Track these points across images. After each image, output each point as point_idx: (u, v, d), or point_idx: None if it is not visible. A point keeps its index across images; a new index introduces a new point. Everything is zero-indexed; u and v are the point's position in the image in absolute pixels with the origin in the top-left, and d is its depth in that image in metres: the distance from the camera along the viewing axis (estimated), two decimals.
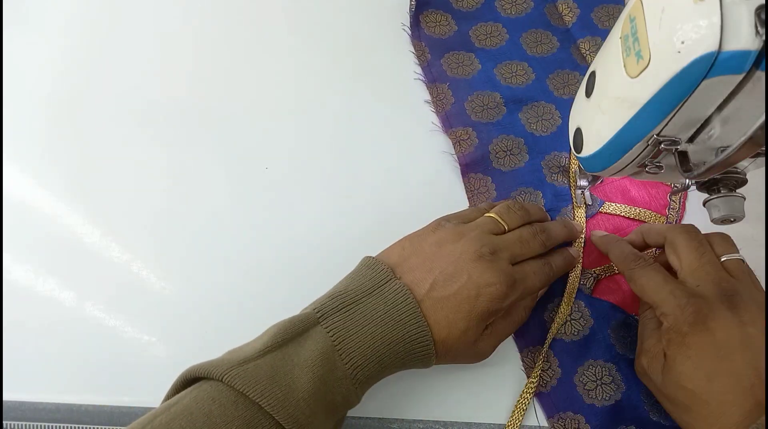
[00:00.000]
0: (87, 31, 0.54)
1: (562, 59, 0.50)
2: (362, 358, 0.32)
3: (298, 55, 0.52)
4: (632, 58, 0.28)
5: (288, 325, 0.32)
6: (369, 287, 0.34)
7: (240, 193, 0.47)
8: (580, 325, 0.40)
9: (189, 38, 0.53)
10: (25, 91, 0.51)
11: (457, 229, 0.36)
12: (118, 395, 0.41)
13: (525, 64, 0.50)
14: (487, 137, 0.47)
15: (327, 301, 0.33)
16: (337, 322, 0.32)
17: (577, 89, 0.48)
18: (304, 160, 0.48)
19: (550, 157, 0.46)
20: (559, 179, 0.45)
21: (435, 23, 0.52)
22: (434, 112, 0.49)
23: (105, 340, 0.42)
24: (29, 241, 0.46)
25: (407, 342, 0.33)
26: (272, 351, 0.31)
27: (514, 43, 0.51)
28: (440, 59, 0.51)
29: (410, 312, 0.33)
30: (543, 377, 0.39)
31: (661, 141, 0.29)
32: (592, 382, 0.39)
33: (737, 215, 0.31)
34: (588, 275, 0.42)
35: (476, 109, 0.48)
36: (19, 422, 0.40)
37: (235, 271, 0.44)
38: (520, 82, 0.49)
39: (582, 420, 0.38)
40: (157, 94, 0.51)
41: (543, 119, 0.48)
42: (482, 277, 0.34)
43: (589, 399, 0.38)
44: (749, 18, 0.24)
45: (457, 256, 0.34)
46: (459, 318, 0.33)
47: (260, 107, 0.50)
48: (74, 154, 0.49)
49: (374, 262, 0.35)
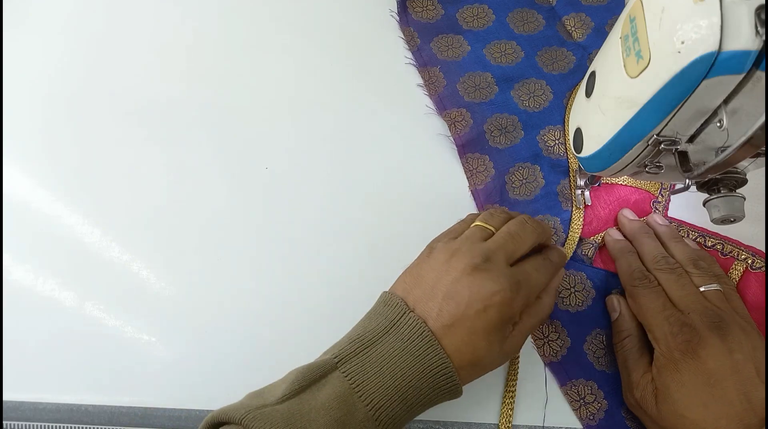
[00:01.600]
0: (87, 32, 0.54)
1: (548, 36, 0.52)
2: (383, 398, 0.31)
3: (291, 49, 0.52)
4: (632, 58, 0.28)
5: (306, 371, 0.31)
6: (385, 326, 0.33)
7: (240, 192, 0.47)
8: (583, 295, 0.41)
9: (188, 38, 0.53)
10: (25, 91, 0.51)
11: (447, 248, 0.35)
12: (118, 395, 0.41)
13: (513, 42, 0.51)
14: (481, 117, 0.47)
15: (346, 345, 0.32)
16: (355, 366, 0.31)
17: (565, 65, 0.50)
18: (303, 153, 0.48)
19: (544, 132, 0.47)
20: (556, 152, 0.46)
21: (422, 8, 0.53)
22: (428, 95, 0.50)
23: (105, 340, 0.42)
24: (29, 241, 0.46)
25: (429, 376, 0.31)
26: (290, 398, 0.30)
27: (501, 22, 0.52)
28: (429, 43, 0.52)
29: (427, 345, 0.32)
30: (553, 347, 0.40)
31: (661, 141, 0.29)
32: (600, 349, 0.40)
33: (737, 215, 0.31)
34: (589, 245, 0.43)
35: (468, 89, 0.49)
36: (19, 422, 0.40)
37: (236, 271, 0.44)
38: (510, 60, 0.50)
39: (594, 386, 0.39)
40: (157, 94, 0.51)
41: (535, 95, 0.48)
42: (483, 288, 0.32)
43: (599, 366, 0.39)
44: (749, 18, 0.24)
45: (453, 275, 0.33)
46: (476, 338, 0.32)
47: (258, 105, 0.50)
48: (74, 154, 0.49)
49: (389, 297, 0.34)
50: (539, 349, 0.40)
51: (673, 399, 0.33)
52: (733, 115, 0.27)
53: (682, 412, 0.33)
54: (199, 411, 0.40)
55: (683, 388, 0.33)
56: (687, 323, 0.34)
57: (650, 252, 0.40)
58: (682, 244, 0.41)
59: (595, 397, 0.39)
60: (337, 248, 0.45)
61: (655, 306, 0.36)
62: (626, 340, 0.38)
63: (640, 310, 0.37)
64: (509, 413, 0.38)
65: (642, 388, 0.35)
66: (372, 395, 0.31)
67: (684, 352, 0.34)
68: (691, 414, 0.33)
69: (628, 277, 0.39)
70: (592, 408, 0.38)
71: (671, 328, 0.35)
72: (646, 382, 0.35)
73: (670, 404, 0.34)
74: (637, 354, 0.37)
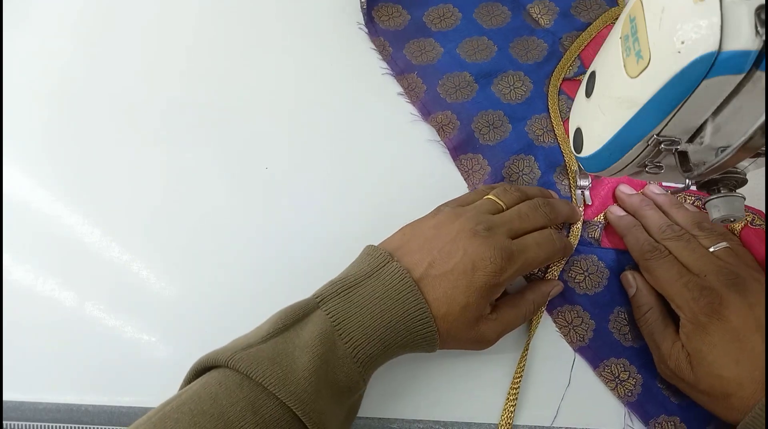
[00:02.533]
0: (86, 32, 0.54)
1: (517, 27, 0.52)
2: (362, 337, 0.32)
3: (292, 50, 0.52)
4: (632, 58, 0.28)
5: (289, 311, 0.33)
6: (367, 271, 0.34)
7: (240, 192, 0.47)
8: (598, 277, 0.42)
9: (188, 38, 0.53)
10: (25, 91, 0.51)
11: (454, 212, 0.37)
12: (118, 395, 0.41)
13: (485, 38, 0.51)
14: (467, 116, 0.48)
15: (327, 287, 0.34)
16: (337, 305, 0.33)
17: (539, 53, 0.51)
18: (303, 153, 0.48)
19: (531, 122, 0.47)
20: (546, 140, 0.47)
21: (388, 16, 0.53)
22: (410, 103, 0.49)
23: (105, 340, 0.42)
24: (29, 241, 0.46)
25: (407, 320, 0.33)
26: (274, 336, 0.32)
27: (469, 20, 0.52)
28: (402, 50, 0.51)
29: (408, 290, 0.33)
30: (578, 332, 0.40)
31: (661, 141, 0.29)
32: (624, 326, 0.40)
33: (737, 215, 0.31)
34: (594, 226, 0.43)
35: (449, 91, 0.49)
36: (19, 422, 0.40)
37: (236, 271, 0.44)
38: (485, 56, 0.50)
39: (626, 362, 0.39)
40: (157, 94, 0.51)
41: (515, 88, 0.49)
42: (477, 251, 0.34)
43: (627, 342, 0.40)
44: (749, 18, 0.24)
45: (453, 235, 0.35)
46: (457, 293, 0.34)
47: (258, 105, 0.50)
48: (74, 154, 0.49)
49: (373, 249, 0.36)
50: (566, 337, 0.41)
51: (708, 361, 0.34)
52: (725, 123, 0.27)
53: (719, 372, 0.34)
54: None
55: (714, 348, 0.34)
56: (706, 286, 0.35)
57: (655, 223, 0.40)
58: (683, 209, 0.41)
59: (629, 374, 0.39)
60: (338, 248, 0.44)
61: (670, 275, 0.37)
62: (648, 314, 0.38)
63: (657, 281, 0.38)
64: (510, 413, 0.38)
65: (675, 357, 0.36)
66: (351, 333, 0.32)
67: (709, 315, 0.34)
68: (727, 372, 0.33)
69: (638, 251, 0.40)
70: (628, 385, 0.39)
71: (692, 294, 0.35)
72: (677, 351, 0.36)
73: (705, 367, 0.34)
74: (662, 325, 0.37)
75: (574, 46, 0.51)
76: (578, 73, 0.50)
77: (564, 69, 0.50)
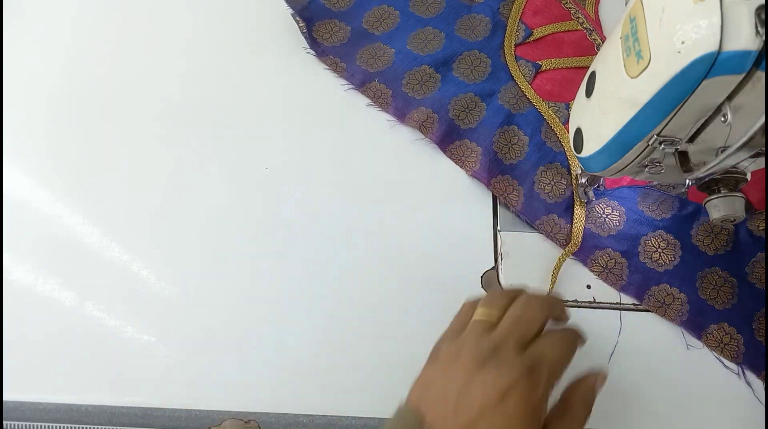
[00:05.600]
0: (87, 32, 0.54)
1: (455, 8, 0.53)
2: None
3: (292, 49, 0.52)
4: (632, 58, 0.28)
5: None
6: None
7: (240, 192, 0.47)
8: (617, 215, 0.44)
9: (188, 38, 0.53)
10: (25, 91, 0.51)
11: (452, 349, 0.33)
12: (118, 395, 0.40)
13: (429, 27, 0.52)
14: (442, 107, 0.48)
15: None
16: None
17: (483, 28, 0.52)
18: (303, 153, 0.48)
19: (501, 95, 0.48)
20: (522, 106, 0.48)
21: (329, 33, 0.52)
22: (382, 111, 0.50)
23: (105, 340, 0.42)
24: (29, 241, 0.46)
25: None
26: None
27: (408, 14, 0.53)
28: (355, 62, 0.51)
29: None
30: (674, 308, 0.41)
31: (662, 141, 0.29)
32: (655, 252, 0.42)
33: (737, 215, 0.31)
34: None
35: (415, 88, 0.49)
36: (19, 422, 0.40)
37: (236, 271, 0.44)
38: (436, 45, 0.51)
39: (725, 325, 0.40)
40: (156, 94, 0.51)
41: (475, 67, 0.50)
42: (496, 382, 0.30)
43: (660, 267, 0.42)
44: (749, 18, 0.24)
45: (462, 375, 0.31)
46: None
47: (258, 105, 0.50)
48: (74, 154, 0.49)
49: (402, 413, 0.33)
50: (664, 316, 0.42)
51: None
52: (736, 112, 0.27)
53: None
54: (199, 411, 0.40)
55: None
56: None
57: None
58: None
59: (730, 336, 0.40)
60: (338, 248, 0.45)
61: None
62: None
63: None
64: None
65: None
66: None
67: None
68: None
69: None
70: (732, 347, 0.40)
71: None
72: None
73: None
74: None
75: (513, 12, 0.53)
76: (526, 36, 0.52)
77: (512, 36, 0.52)
